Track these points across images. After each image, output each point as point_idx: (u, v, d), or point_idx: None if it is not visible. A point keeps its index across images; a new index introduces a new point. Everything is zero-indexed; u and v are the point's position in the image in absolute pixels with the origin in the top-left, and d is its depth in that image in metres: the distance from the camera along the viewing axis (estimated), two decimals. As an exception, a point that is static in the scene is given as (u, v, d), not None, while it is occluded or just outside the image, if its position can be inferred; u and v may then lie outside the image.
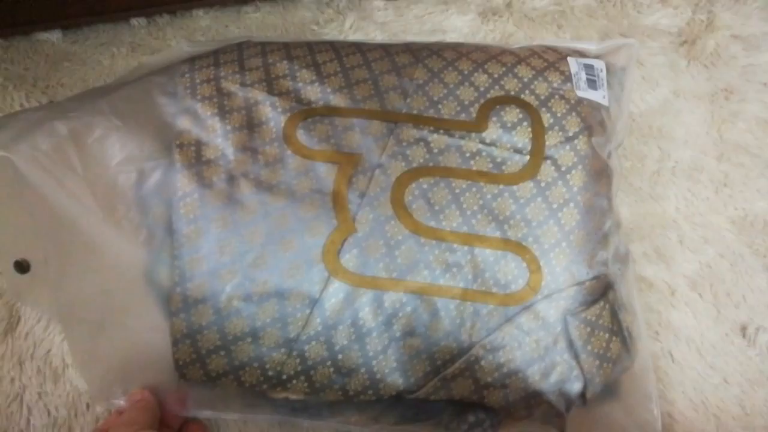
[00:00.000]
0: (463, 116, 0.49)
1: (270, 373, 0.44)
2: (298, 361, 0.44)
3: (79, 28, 0.68)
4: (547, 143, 0.49)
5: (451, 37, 0.68)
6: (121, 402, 0.46)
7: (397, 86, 0.50)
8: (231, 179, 0.45)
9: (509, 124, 0.49)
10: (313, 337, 0.44)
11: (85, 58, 0.67)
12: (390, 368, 0.44)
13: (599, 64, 0.55)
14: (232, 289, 0.43)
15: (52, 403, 0.52)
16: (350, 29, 0.68)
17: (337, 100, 0.49)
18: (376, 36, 0.68)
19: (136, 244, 0.45)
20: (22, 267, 0.45)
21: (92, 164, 0.45)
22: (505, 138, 0.49)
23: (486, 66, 0.52)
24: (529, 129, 0.49)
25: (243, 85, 0.49)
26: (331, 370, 0.44)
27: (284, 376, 0.44)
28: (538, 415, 0.46)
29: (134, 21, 0.68)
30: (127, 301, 0.45)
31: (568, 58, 0.54)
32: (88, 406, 0.52)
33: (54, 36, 0.68)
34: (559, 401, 0.45)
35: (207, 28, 0.68)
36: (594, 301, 0.46)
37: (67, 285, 0.45)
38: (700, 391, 0.55)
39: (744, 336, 0.57)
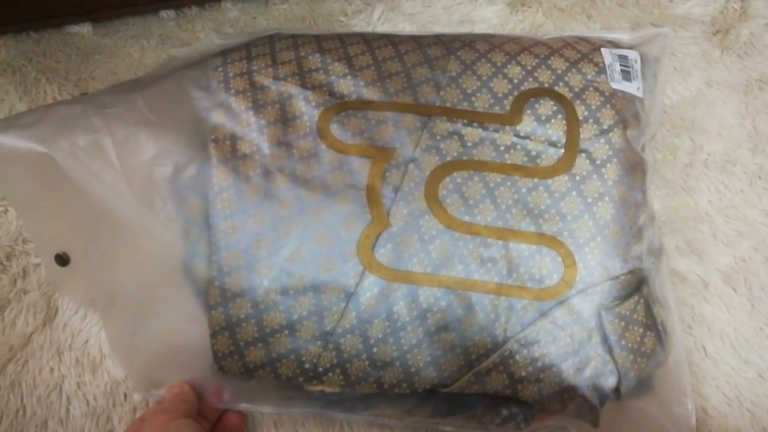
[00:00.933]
0: (496, 109, 0.49)
1: (306, 365, 0.44)
2: (333, 354, 0.44)
3: (109, 21, 0.68)
4: (581, 136, 0.48)
5: (480, 28, 0.67)
6: (161, 392, 0.46)
7: (429, 79, 0.50)
8: (267, 174, 0.46)
9: (543, 117, 0.49)
10: (348, 331, 0.44)
11: (116, 51, 0.67)
12: (424, 362, 0.44)
13: (633, 55, 0.54)
14: (270, 283, 0.44)
15: (91, 392, 0.53)
16: (378, 20, 0.67)
17: (370, 94, 0.49)
18: (405, 27, 0.67)
19: (174, 238, 0.45)
20: (62, 260, 0.46)
21: (129, 159, 0.46)
22: (540, 131, 0.48)
23: (519, 58, 0.52)
24: (564, 122, 0.48)
25: (276, 78, 0.49)
26: (366, 363, 0.44)
27: (320, 369, 0.44)
28: (571, 409, 0.46)
29: (163, 13, 0.69)
30: (165, 294, 0.45)
31: (602, 49, 0.53)
32: (125, 396, 0.53)
33: (84, 29, 0.68)
34: (593, 396, 0.45)
35: (235, 20, 0.68)
36: (628, 296, 0.46)
37: (106, 277, 0.46)
38: (734, 386, 0.54)
39: (779, 330, 0.56)
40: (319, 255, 0.44)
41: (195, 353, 0.45)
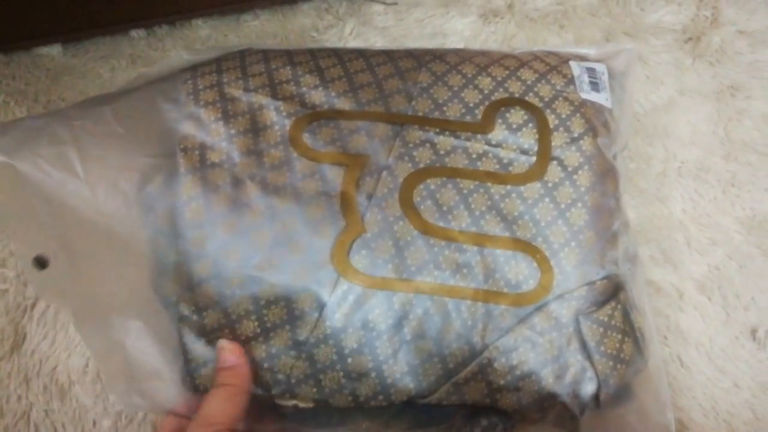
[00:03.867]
0: (468, 118, 0.49)
1: (279, 376, 0.43)
2: (307, 364, 0.43)
3: (79, 42, 0.68)
4: (553, 144, 0.48)
5: (452, 40, 0.68)
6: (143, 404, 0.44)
7: (401, 89, 0.50)
8: (236, 182, 0.45)
9: (515, 126, 0.49)
10: (322, 341, 0.43)
11: (86, 72, 0.66)
12: (401, 372, 0.43)
13: (601, 68, 0.55)
14: (241, 292, 0.43)
15: (59, 420, 0.51)
16: (350, 35, 0.68)
17: (342, 104, 0.49)
18: (377, 41, 0.67)
19: (141, 249, 0.44)
20: (40, 263, 0.44)
21: (94, 169, 0.44)
22: (511, 139, 0.48)
23: (489, 69, 0.52)
24: (535, 130, 0.49)
25: (246, 90, 0.49)
26: (341, 374, 0.43)
27: (293, 380, 0.43)
28: (551, 418, 0.45)
29: (134, 33, 0.68)
30: (134, 307, 0.44)
31: (570, 62, 0.54)
32: (94, 422, 0.51)
33: (54, 50, 0.68)
34: (573, 403, 0.44)
35: (206, 38, 0.68)
36: (605, 302, 0.45)
37: (79, 286, 0.44)
38: (711, 396, 0.54)
39: (754, 339, 0.56)
40: (292, 263, 0.43)
41: (165, 369, 0.43)
